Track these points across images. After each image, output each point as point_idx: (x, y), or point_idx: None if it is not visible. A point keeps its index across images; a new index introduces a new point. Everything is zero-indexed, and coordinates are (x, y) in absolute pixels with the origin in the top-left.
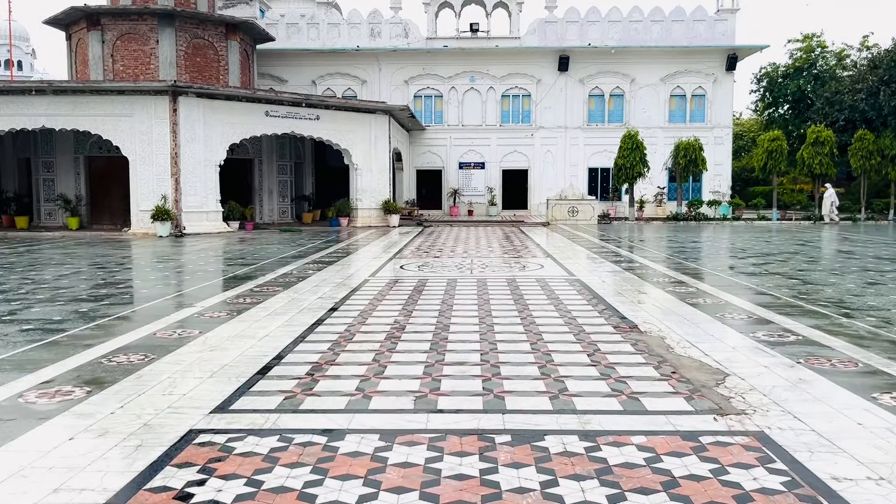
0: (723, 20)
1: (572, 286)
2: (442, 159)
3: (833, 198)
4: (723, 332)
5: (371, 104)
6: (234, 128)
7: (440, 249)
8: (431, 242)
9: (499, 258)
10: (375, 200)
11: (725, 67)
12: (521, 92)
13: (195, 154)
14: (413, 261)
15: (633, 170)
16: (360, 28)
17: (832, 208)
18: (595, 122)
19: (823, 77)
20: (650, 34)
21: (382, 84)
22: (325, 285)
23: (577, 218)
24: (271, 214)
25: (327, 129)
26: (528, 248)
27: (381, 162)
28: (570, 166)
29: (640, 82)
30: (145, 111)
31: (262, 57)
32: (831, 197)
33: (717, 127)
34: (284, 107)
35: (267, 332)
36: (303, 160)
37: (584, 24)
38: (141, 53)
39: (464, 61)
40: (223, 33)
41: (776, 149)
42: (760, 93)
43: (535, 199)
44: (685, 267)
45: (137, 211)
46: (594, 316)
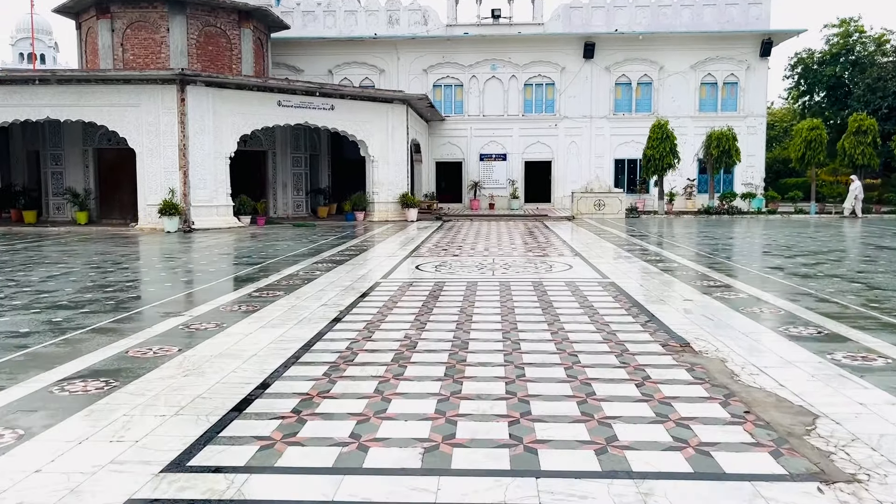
0: (757, 3)
1: (606, 291)
2: (462, 151)
3: (858, 191)
4: (793, 352)
5: (388, 93)
6: (245, 118)
7: (459, 247)
8: (451, 239)
9: (522, 257)
10: (393, 194)
11: (760, 53)
12: (544, 80)
13: (204, 146)
14: (430, 260)
15: (662, 161)
16: (378, 15)
17: (856, 202)
18: (622, 111)
19: (862, 63)
20: (680, 19)
21: (401, 73)
22: (331, 289)
23: (603, 212)
24: (285, 208)
25: (342, 120)
26: (554, 246)
27: (399, 154)
28: (595, 157)
29: (669, 70)
30: (152, 101)
31: (277, 46)
32: (856, 190)
33: (749, 116)
34: (298, 96)
35: (256, 351)
36: (318, 152)
37: (611, 9)
38: (151, 42)
39: (485, 49)
40: (236, 21)
41: (815, 138)
42: (795, 80)
43: (558, 193)
44: (727, 267)
45: (145, 205)
46: (636, 330)
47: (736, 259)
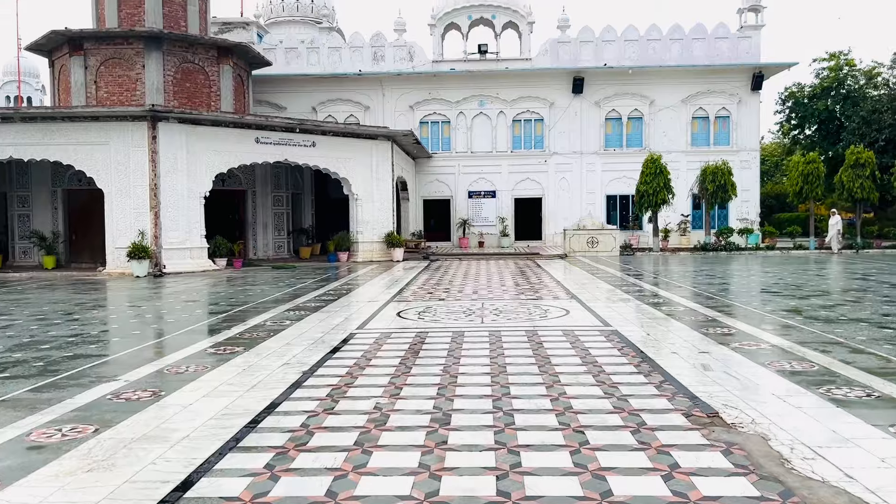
0: (746, 37)
1: (609, 341)
2: (450, 188)
3: (839, 225)
4: (848, 424)
5: (372, 129)
6: (221, 156)
7: (446, 289)
8: (437, 280)
9: (514, 300)
10: (377, 233)
11: (751, 87)
12: (533, 116)
13: (177, 185)
14: (414, 305)
15: (656, 196)
16: (363, 52)
17: (837, 237)
18: (612, 146)
19: (854, 97)
20: (669, 53)
21: (386, 110)
22: (298, 343)
23: (597, 249)
24: (266, 249)
25: (324, 157)
26: (548, 287)
27: (384, 191)
28: (586, 194)
29: (660, 104)
30: (122, 139)
31: (259, 83)
32: (837, 224)
33: (743, 150)
34: (277, 133)
35: (190, 430)
36: (301, 191)
37: (599, 43)
38: (126, 79)
39: (472, 85)
40: (215, 57)
41: (812, 172)
42: (786, 114)
43: (549, 230)
44: (739, 311)
45: (113, 248)
46: (651, 394)
47: (745, 301)
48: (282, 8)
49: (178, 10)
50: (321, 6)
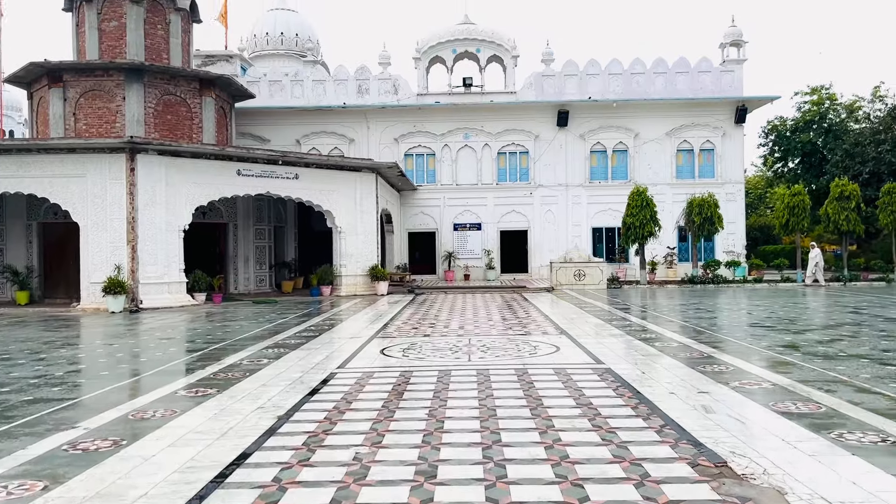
0: (729, 71)
1: (603, 380)
2: (435, 221)
3: (819, 258)
4: (870, 475)
5: (356, 161)
6: (201, 189)
7: (432, 324)
8: (422, 314)
9: (502, 336)
10: (362, 266)
11: (735, 120)
12: (518, 149)
13: (155, 218)
14: (398, 341)
15: (643, 229)
16: (347, 85)
17: (817, 270)
18: (598, 179)
19: (835, 130)
20: (653, 87)
21: (371, 142)
22: (275, 384)
23: (584, 282)
24: (247, 284)
25: (307, 189)
26: (536, 322)
27: (368, 224)
28: (572, 226)
29: (645, 137)
30: (99, 171)
31: (243, 116)
32: (817, 258)
33: (728, 183)
34: (259, 165)
35: (149, 488)
36: (284, 223)
37: (584, 77)
38: (106, 111)
39: (457, 118)
40: (197, 89)
41: (798, 204)
42: (769, 147)
43: (535, 262)
44: (734, 347)
45: (88, 283)
46: (653, 440)
47: (739, 336)
48: (266, 42)
49: (161, 42)
50: (305, 40)
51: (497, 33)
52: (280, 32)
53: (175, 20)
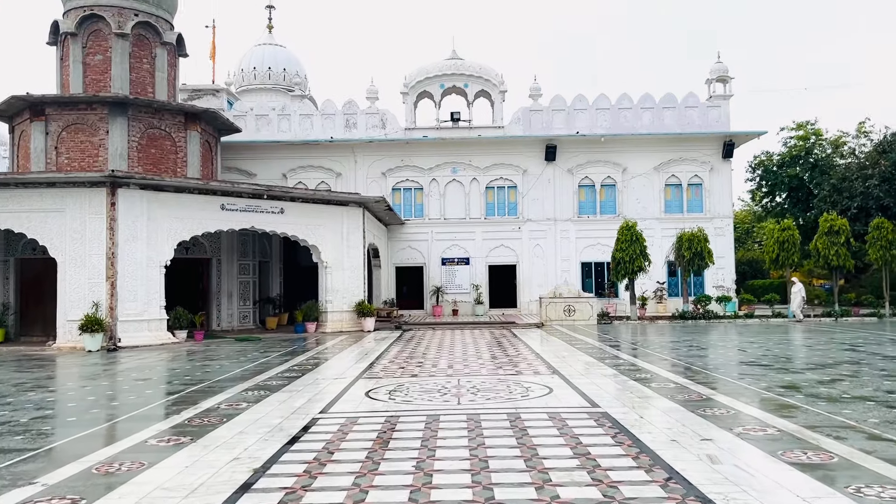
0: (716, 107)
1: (600, 427)
2: (423, 255)
3: (802, 293)
4: None
5: (342, 195)
6: (184, 223)
7: (420, 363)
8: (410, 352)
9: (492, 375)
10: (348, 302)
11: (722, 155)
12: (506, 183)
13: (136, 254)
14: (384, 382)
15: (633, 264)
16: (335, 119)
17: (801, 304)
18: (586, 213)
19: (822, 165)
20: (641, 122)
21: (358, 177)
22: (253, 431)
23: (573, 318)
24: (230, 320)
25: (293, 224)
26: (527, 360)
27: (355, 259)
28: (561, 261)
29: (633, 171)
30: (78, 206)
31: (229, 150)
32: (801, 292)
33: (716, 217)
34: (243, 199)
35: None
36: (269, 258)
37: (571, 112)
38: (88, 145)
39: (445, 152)
40: (182, 123)
41: (788, 239)
42: (756, 182)
43: (524, 297)
44: (733, 387)
45: (65, 321)
46: (659, 496)
47: (737, 375)
48: (253, 76)
49: (146, 76)
50: (293, 74)
51: (485, 68)
52: (268, 67)
53: (161, 54)
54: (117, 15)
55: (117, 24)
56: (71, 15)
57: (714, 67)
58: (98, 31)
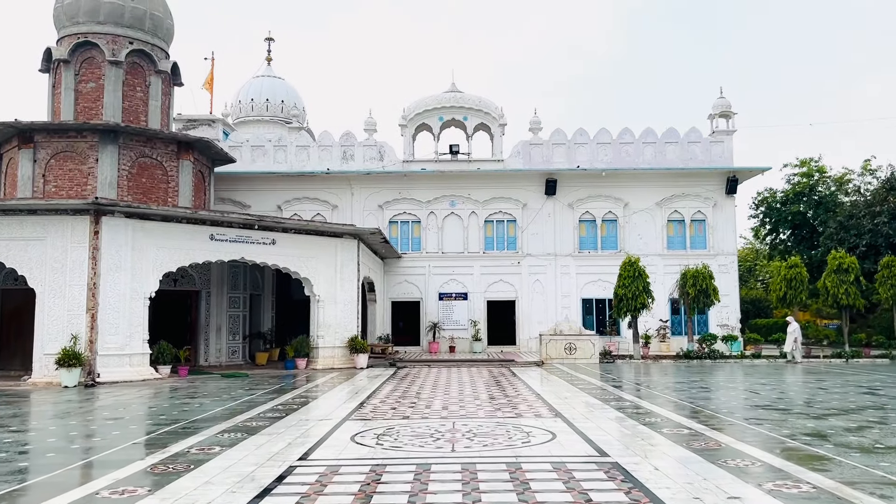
0: (719, 142)
1: (612, 481)
2: (420, 290)
3: (798, 333)
4: None
5: (336, 227)
6: (171, 254)
7: (413, 403)
8: (403, 391)
9: (490, 419)
10: (340, 337)
11: (726, 191)
12: (505, 217)
13: (119, 285)
14: (373, 424)
15: (636, 300)
16: (332, 151)
17: (796, 345)
18: (587, 248)
19: (826, 202)
20: (643, 157)
21: (355, 209)
22: (221, 481)
23: (575, 356)
24: (219, 355)
25: (284, 256)
26: (527, 401)
27: (349, 293)
28: (561, 297)
29: (635, 207)
30: (60, 234)
31: (223, 181)
32: (795, 332)
33: (720, 254)
34: (234, 229)
35: None
36: (261, 291)
37: (572, 146)
38: (77, 173)
39: (443, 185)
40: (174, 152)
41: (795, 277)
42: (759, 218)
43: (524, 334)
44: (754, 435)
45: (41, 355)
46: None
47: (756, 421)
48: (251, 108)
49: (139, 104)
50: (291, 106)
51: (484, 101)
52: (265, 99)
53: (155, 82)
54: (111, 42)
55: (111, 52)
56: (64, 42)
57: (717, 103)
58: (91, 59)
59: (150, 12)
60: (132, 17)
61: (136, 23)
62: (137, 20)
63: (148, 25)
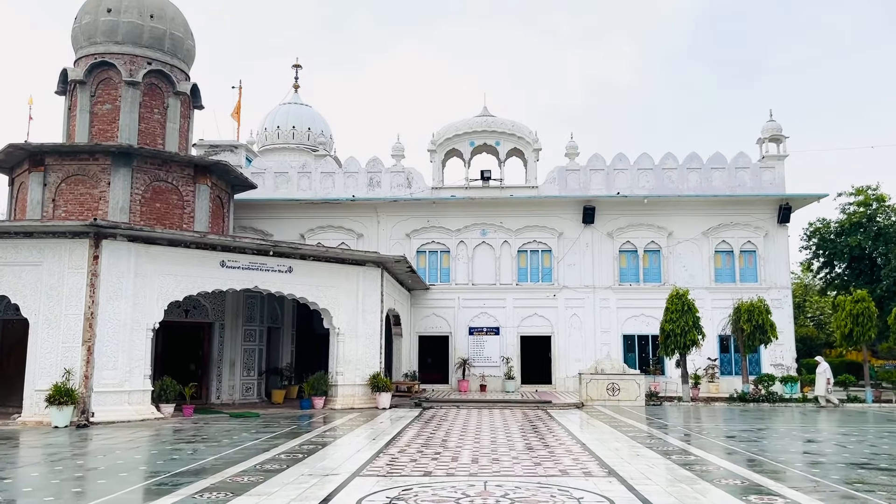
0: (769, 168)
1: None
2: (449, 324)
3: (829, 374)
4: None
5: (359, 254)
6: (178, 281)
7: (436, 454)
8: (427, 438)
9: (530, 476)
10: (361, 374)
11: (778, 220)
12: (540, 247)
13: (119, 314)
14: (387, 483)
15: (685, 337)
16: (358, 177)
17: (829, 387)
18: (628, 281)
19: (886, 234)
20: (687, 183)
21: (381, 238)
22: None
23: (618, 397)
24: (232, 392)
25: (302, 285)
26: (572, 453)
27: (371, 325)
28: (601, 333)
29: (679, 236)
30: (57, 259)
31: (244, 208)
32: (826, 373)
33: (773, 288)
34: (246, 255)
35: None
36: (280, 324)
37: (611, 172)
38: (89, 197)
39: (474, 213)
40: (191, 176)
41: (863, 312)
42: (812, 251)
43: (560, 372)
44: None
45: (33, 391)
46: None
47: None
48: (276, 135)
49: (157, 126)
50: (318, 134)
51: (517, 125)
52: (292, 126)
53: (174, 104)
54: (129, 63)
55: (128, 73)
56: (81, 63)
57: (766, 126)
58: (108, 80)
59: (171, 32)
60: (151, 37)
61: (155, 43)
62: (156, 40)
63: (167, 46)
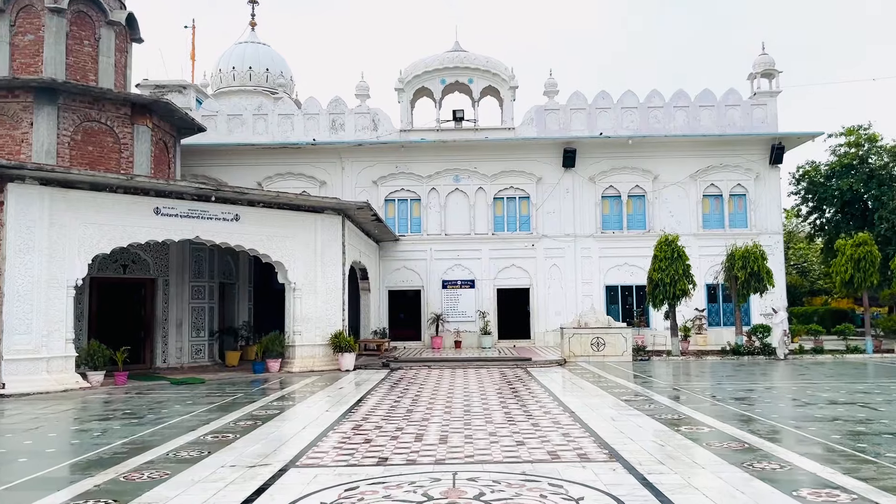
0: (761, 105)
1: None
2: (421, 277)
3: (785, 325)
4: None
5: (316, 200)
6: (103, 231)
7: (397, 431)
8: (391, 406)
9: (512, 463)
10: (322, 333)
11: (770, 161)
12: (517, 193)
13: (32, 270)
14: (327, 480)
15: (674, 287)
16: (319, 119)
17: (783, 338)
18: (611, 228)
19: (880, 175)
20: (674, 122)
21: (346, 185)
22: None
23: (603, 353)
24: (180, 355)
25: (251, 235)
26: (561, 426)
27: (332, 280)
28: (582, 284)
29: (665, 180)
30: None
31: (194, 154)
32: (783, 323)
33: (763, 233)
34: (185, 202)
35: None
36: (234, 279)
37: (593, 111)
38: (9, 140)
39: (446, 157)
40: (128, 116)
41: (864, 256)
42: (801, 195)
43: (539, 326)
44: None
45: None
46: None
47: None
48: (232, 77)
49: (87, 60)
50: (277, 75)
51: (492, 61)
52: (248, 67)
53: (107, 35)
54: None
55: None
56: None
57: (758, 60)
58: (29, 6)
59: None
60: None
61: None
62: None
63: None
